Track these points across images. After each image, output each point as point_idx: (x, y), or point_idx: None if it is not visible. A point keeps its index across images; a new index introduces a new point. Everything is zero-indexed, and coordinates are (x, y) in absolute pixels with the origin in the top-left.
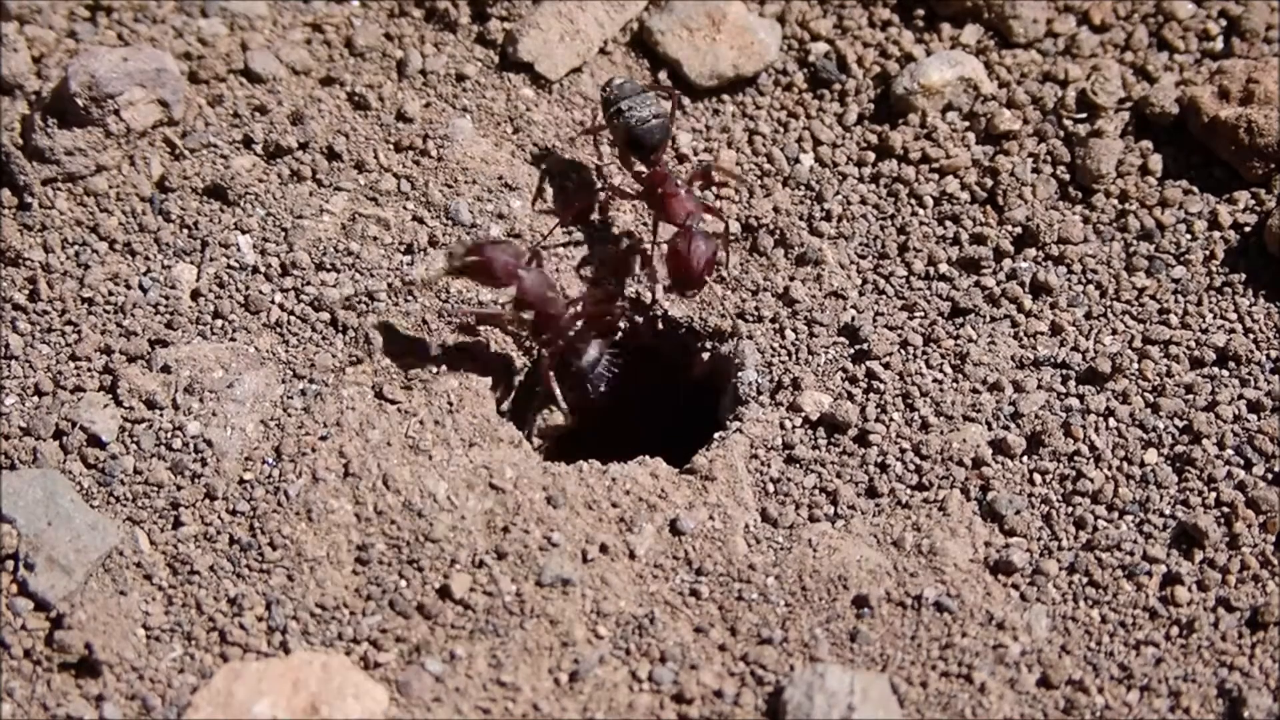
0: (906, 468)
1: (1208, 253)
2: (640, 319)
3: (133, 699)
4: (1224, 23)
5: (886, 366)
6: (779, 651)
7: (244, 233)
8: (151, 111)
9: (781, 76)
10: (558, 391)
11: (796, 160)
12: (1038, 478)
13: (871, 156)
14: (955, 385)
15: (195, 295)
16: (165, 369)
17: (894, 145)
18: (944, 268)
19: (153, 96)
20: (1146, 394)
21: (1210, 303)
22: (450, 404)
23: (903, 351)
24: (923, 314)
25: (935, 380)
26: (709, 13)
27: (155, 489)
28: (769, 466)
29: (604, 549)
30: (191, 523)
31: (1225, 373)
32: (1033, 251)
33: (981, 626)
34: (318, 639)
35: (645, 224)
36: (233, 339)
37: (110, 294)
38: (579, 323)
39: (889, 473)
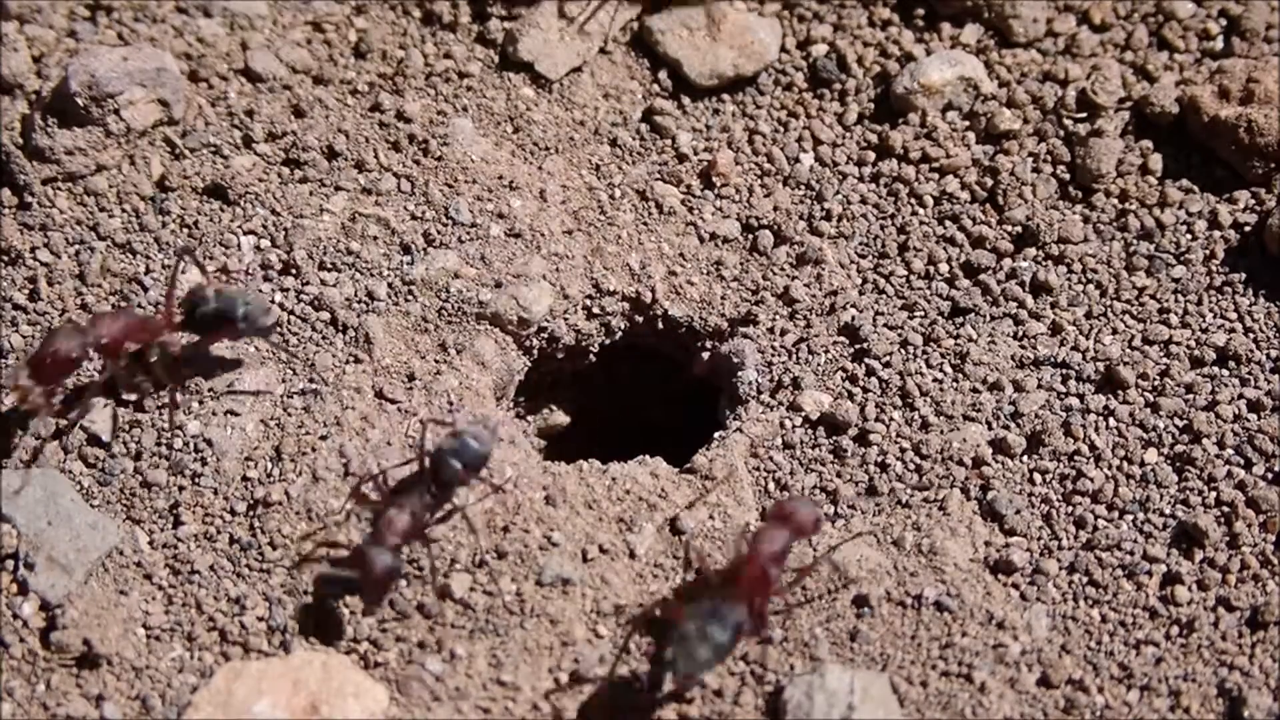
0: (906, 467)
1: (1208, 252)
2: (640, 319)
3: (133, 698)
4: (1224, 22)
5: (886, 366)
6: (779, 651)
7: (244, 232)
8: (151, 111)
9: (781, 76)
10: None
11: (796, 160)
12: (1038, 477)
13: (871, 156)
14: (955, 385)
15: None
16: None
17: (894, 145)
18: (944, 267)
19: (153, 96)
20: (1146, 394)
21: (1210, 302)
22: (450, 404)
23: (903, 351)
24: (923, 313)
25: (935, 380)
26: (709, 13)
27: (155, 489)
28: (769, 466)
29: (604, 549)
30: (191, 522)
31: (1225, 372)
32: (1033, 251)
33: (981, 626)
34: (318, 639)
35: None
36: None
37: (110, 293)
38: None
39: (889, 472)
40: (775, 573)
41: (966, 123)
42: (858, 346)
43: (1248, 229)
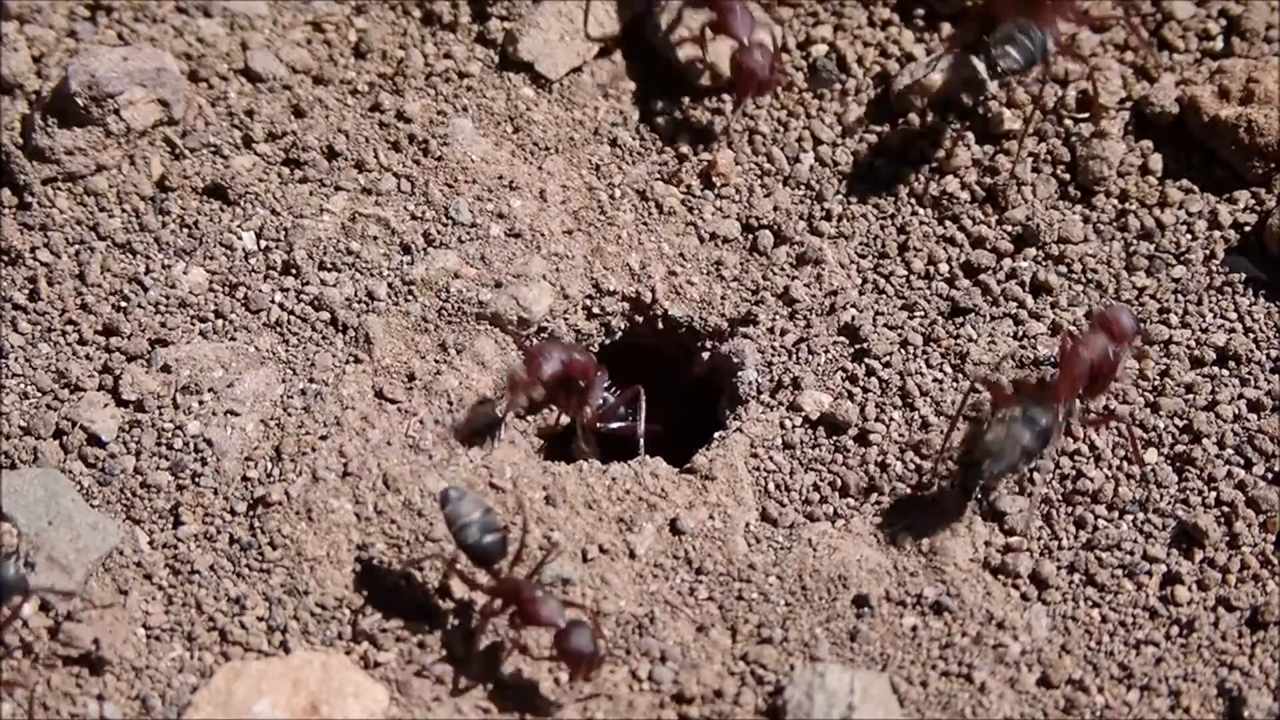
0: (906, 467)
1: (1208, 252)
2: (640, 319)
3: (133, 698)
4: (1224, 22)
5: (886, 366)
6: (779, 651)
7: (244, 232)
8: (151, 111)
9: (781, 76)
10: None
11: (796, 160)
12: (1038, 477)
13: (872, 156)
14: (955, 385)
15: (195, 295)
16: (165, 368)
17: (894, 145)
18: (944, 267)
19: (153, 96)
20: (1146, 394)
21: (1210, 302)
22: (450, 404)
23: (903, 351)
24: (923, 313)
25: (935, 380)
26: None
27: (155, 489)
28: (769, 466)
29: (604, 548)
30: (191, 522)
31: (1225, 372)
32: (1033, 251)
33: (981, 626)
34: (318, 638)
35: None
36: (233, 339)
37: (110, 293)
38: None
39: (889, 472)
40: (1088, 379)
41: (966, 122)
42: (858, 346)
43: (1248, 229)
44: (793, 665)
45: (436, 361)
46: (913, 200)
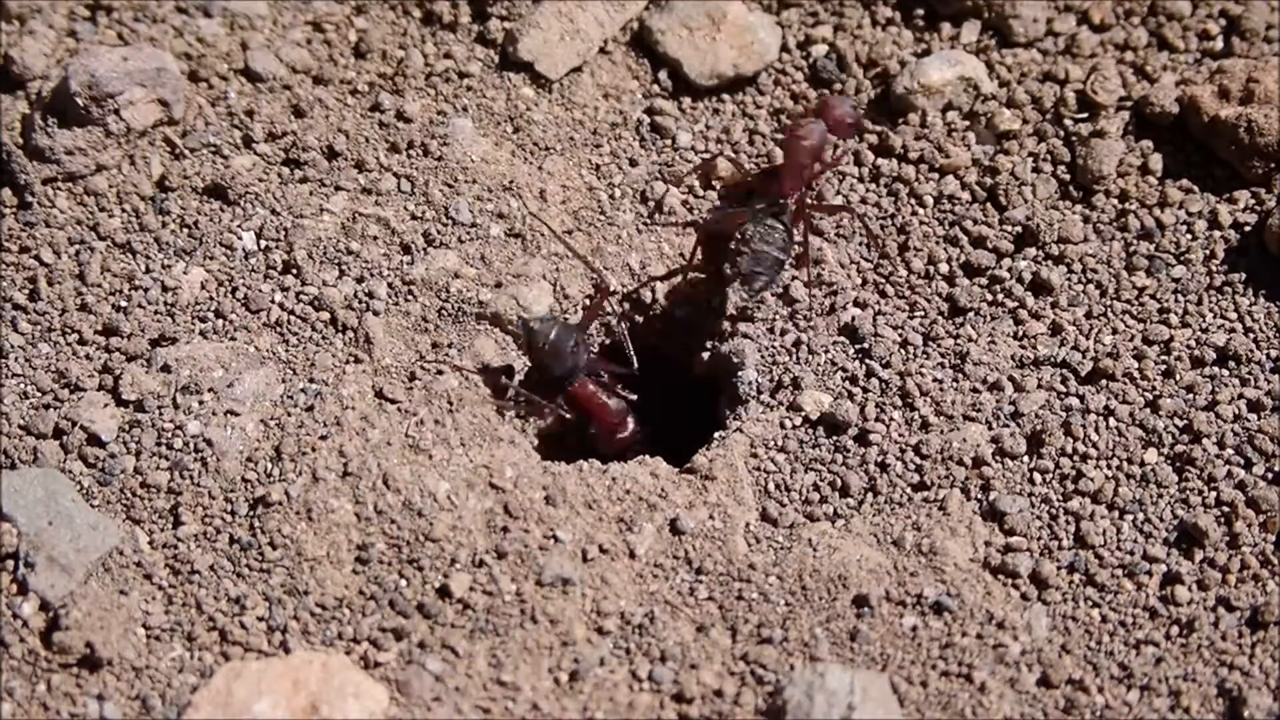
0: (906, 467)
1: (1208, 252)
2: (640, 319)
3: (133, 698)
4: (1224, 22)
5: (886, 366)
6: (779, 651)
7: (244, 232)
8: (151, 111)
9: (781, 76)
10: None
11: None
12: (1038, 477)
13: (872, 156)
14: (955, 385)
15: (195, 295)
16: (165, 368)
17: (894, 145)
18: (944, 267)
19: (153, 96)
20: (1146, 394)
21: (1210, 302)
22: (450, 404)
23: (903, 351)
24: (923, 313)
25: (935, 380)
26: (709, 12)
27: (155, 489)
28: (769, 466)
29: (604, 548)
30: (191, 522)
31: (1225, 372)
32: (1033, 251)
33: (981, 626)
34: (318, 638)
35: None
36: (233, 338)
37: (110, 293)
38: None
39: (889, 472)
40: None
41: (966, 123)
42: (858, 346)
43: (1248, 229)
44: (793, 665)
45: (437, 361)
46: (913, 200)
